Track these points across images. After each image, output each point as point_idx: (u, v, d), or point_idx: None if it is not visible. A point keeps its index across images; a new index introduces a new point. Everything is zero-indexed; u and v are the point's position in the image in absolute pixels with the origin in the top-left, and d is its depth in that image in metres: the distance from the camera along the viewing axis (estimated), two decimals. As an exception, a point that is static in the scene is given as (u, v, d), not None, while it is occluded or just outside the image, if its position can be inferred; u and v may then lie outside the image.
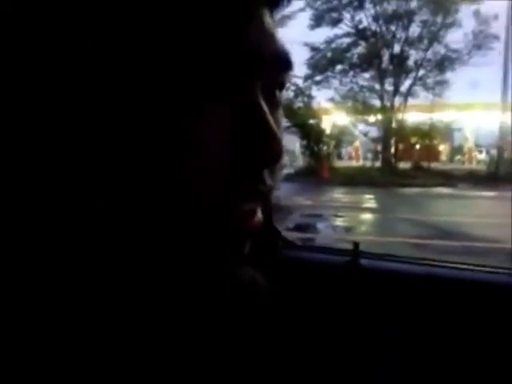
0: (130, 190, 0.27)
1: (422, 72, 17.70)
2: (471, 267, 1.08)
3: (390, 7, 16.99)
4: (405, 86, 17.61)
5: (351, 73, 17.91)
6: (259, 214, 0.34)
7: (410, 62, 17.66)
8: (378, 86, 17.74)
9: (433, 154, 20.32)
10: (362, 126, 19.74)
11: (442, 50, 17.39)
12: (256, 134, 0.31)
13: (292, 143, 16.62)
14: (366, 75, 18.05)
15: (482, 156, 21.96)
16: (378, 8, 17.11)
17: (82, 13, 0.26)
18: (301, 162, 16.63)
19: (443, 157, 22.71)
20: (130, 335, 0.31)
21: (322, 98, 17.76)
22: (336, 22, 17.17)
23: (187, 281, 0.32)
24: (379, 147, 19.23)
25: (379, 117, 18.02)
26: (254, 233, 0.33)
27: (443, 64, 17.40)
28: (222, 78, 0.30)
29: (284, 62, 0.36)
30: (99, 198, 0.27)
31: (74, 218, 0.27)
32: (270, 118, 0.32)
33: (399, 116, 17.73)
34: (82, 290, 0.28)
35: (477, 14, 16.38)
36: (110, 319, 0.30)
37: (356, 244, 1.10)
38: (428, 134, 19.09)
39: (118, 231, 0.28)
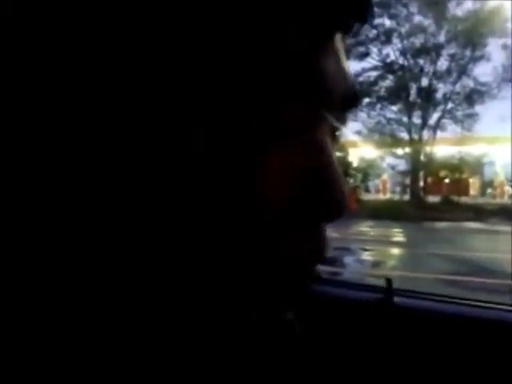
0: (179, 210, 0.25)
1: (450, 105, 17.72)
2: (506, 307, 1.03)
3: (417, 41, 17.14)
4: (433, 119, 17.61)
5: (378, 106, 18.00)
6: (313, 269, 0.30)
7: (439, 95, 17.70)
8: (405, 119, 17.76)
9: (463, 188, 20.04)
10: (389, 159, 19.71)
11: (471, 84, 17.40)
12: (320, 182, 0.27)
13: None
14: (394, 108, 18.12)
15: (514, 190, 21.55)
16: (405, 42, 17.27)
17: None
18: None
19: (473, 191, 22.36)
20: (134, 343, 0.29)
21: (349, 131, 17.77)
22: (363, 56, 17.35)
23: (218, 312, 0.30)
24: (407, 180, 19.09)
25: (407, 150, 17.94)
26: (302, 284, 0.30)
27: (472, 97, 17.36)
28: (290, 113, 0.26)
29: (354, 98, 0.31)
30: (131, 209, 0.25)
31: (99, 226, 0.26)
32: (336, 164, 0.27)
33: (428, 149, 17.63)
34: (94, 294, 0.27)
35: (506, 47, 16.36)
36: (116, 324, 0.28)
37: (389, 280, 1.06)
38: (457, 167, 18.93)
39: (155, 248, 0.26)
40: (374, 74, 17.70)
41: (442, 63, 17.26)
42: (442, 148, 18.89)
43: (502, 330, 0.96)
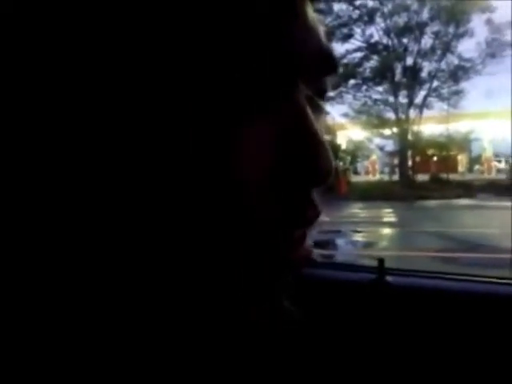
0: (166, 202, 0.25)
1: (436, 83, 17.71)
2: (500, 280, 1.04)
3: (400, 20, 17.08)
4: (419, 97, 17.62)
5: (364, 87, 17.96)
6: (308, 242, 0.29)
7: (424, 74, 17.70)
8: (392, 99, 17.76)
9: (451, 165, 20.16)
10: (377, 140, 19.75)
11: (456, 60, 17.39)
12: (304, 148, 0.26)
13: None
14: (380, 89, 18.11)
15: (502, 165, 21.68)
16: (388, 21, 17.21)
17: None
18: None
19: (461, 167, 22.50)
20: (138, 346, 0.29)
21: (335, 113, 17.74)
22: (347, 38, 17.26)
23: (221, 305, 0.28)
24: (396, 161, 19.15)
25: (395, 130, 17.98)
26: (303, 261, 0.29)
27: (457, 74, 17.37)
28: (261, 84, 0.25)
29: (328, 62, 0.30)
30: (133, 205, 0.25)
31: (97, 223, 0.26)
32: (318, 129, 0.27)
33: (415, 128, 17.68)
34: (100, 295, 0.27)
35: (489, 22, 16.36)
36: (119, 325, 0.28)
37: (381, 260, 1.06)
38: (445, 145, 19.01)
39: (152, 244, 0.26)
40: (358, 55, 17.63)
41: (426, 41, 17.26)
42: (429, 126, 18.94)
43: (496, 303, 0.96)
